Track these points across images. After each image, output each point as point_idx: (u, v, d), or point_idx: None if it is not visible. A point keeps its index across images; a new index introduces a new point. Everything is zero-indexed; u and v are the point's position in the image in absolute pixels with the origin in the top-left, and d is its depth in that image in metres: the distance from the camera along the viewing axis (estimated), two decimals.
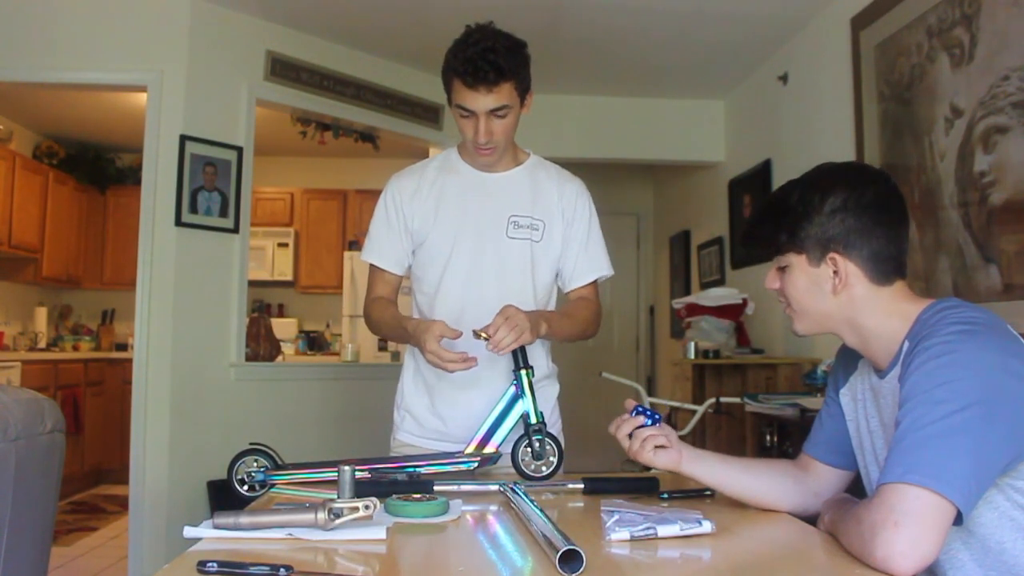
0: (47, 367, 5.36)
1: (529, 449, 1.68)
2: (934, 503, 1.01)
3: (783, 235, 1.27)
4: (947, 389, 1.06)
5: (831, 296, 1.24)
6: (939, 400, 1.06)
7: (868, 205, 1.22)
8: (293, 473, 1.58)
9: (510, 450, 1.70)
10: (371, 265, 1.95)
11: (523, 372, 1.70)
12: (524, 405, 1.70)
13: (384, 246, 1.92)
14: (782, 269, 1.30)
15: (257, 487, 1.56)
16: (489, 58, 1.68)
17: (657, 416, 1.40)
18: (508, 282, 1.85)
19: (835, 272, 1.23)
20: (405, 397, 1.96)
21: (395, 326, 1.83)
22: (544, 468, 1.69)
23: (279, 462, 1.59)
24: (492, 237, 1.86)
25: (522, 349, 1.69)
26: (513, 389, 1.72)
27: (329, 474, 1.53)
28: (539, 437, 1.69)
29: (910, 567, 1.00)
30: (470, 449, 1.69)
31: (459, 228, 1.86)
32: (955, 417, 1.04)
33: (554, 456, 1.70)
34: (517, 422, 1.70)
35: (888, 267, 1.23)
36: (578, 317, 1.89)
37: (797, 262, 1.26)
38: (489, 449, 1.69)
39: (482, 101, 1.72)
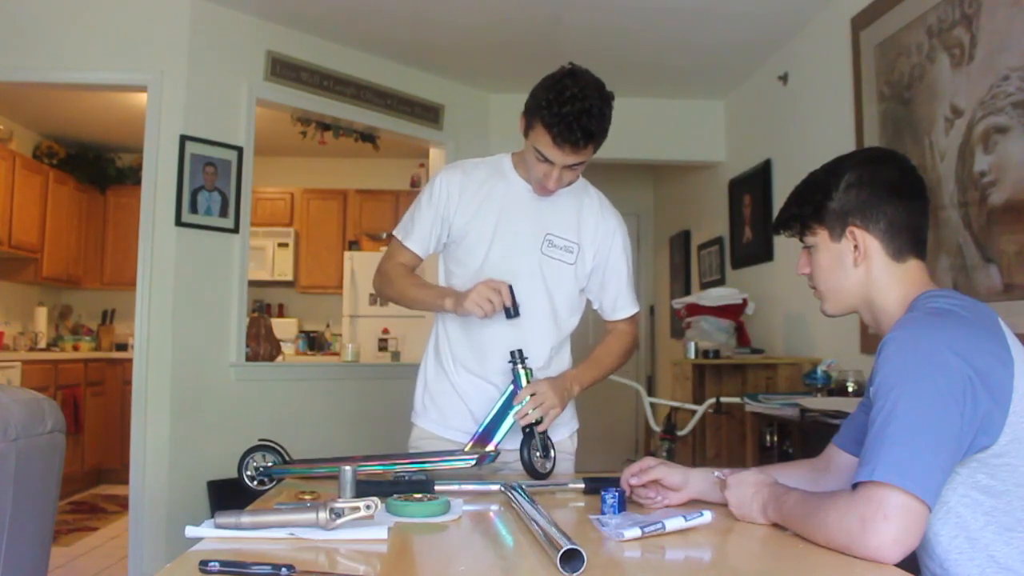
0: (47, 367, 5.36)
1: (539, 445, 1.71)
2: (912, 503, 1.07)
3: (808, 209, 1.35)
4: (910, 386, 1.12)
5: (852, 270, 1.31)
6: (902, 396, 1.11)
7: (882, 179, 1.30)
8: (301, 469, 1.63)
9: (515, 448, 1.73)
10: (397, 239, 1.96)
11: (521, 370, 1.72)
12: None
13: (418, 228, 1.92)
14: (809, 251, 1.37)
15: (266, 481, 1.63)
16: (582, 122, 1.65)
17: (619, 491, 1.38)
18: (531, 295, 1.84)
19: (855, 246, 1.31)
20: (428, 384, 1.96)
21: (425, 289, 1.87)
22: (548, 464, 1.72)
23: (287, 458, 1.63)
24: (527, 249, 1.87)
25: (520, 351, 1.74)
26: (512, 387, 1.73)
27: (335, 470, 1.54)
28: (543, 435, 1.72)
29: (898, 555, 1.07)
30: (469, 447, 1.71)
31: (496, 233, 1.87)
32: (919, 417, 1.10)
33: (553, 450, 1.75)
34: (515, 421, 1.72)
35: (904, 240, 1.29)
36: (605, 363, 1.94)
37: (821, 240, 1.34)
38: (489, 448, 1.71)
39: (565, 159, 1.72)
